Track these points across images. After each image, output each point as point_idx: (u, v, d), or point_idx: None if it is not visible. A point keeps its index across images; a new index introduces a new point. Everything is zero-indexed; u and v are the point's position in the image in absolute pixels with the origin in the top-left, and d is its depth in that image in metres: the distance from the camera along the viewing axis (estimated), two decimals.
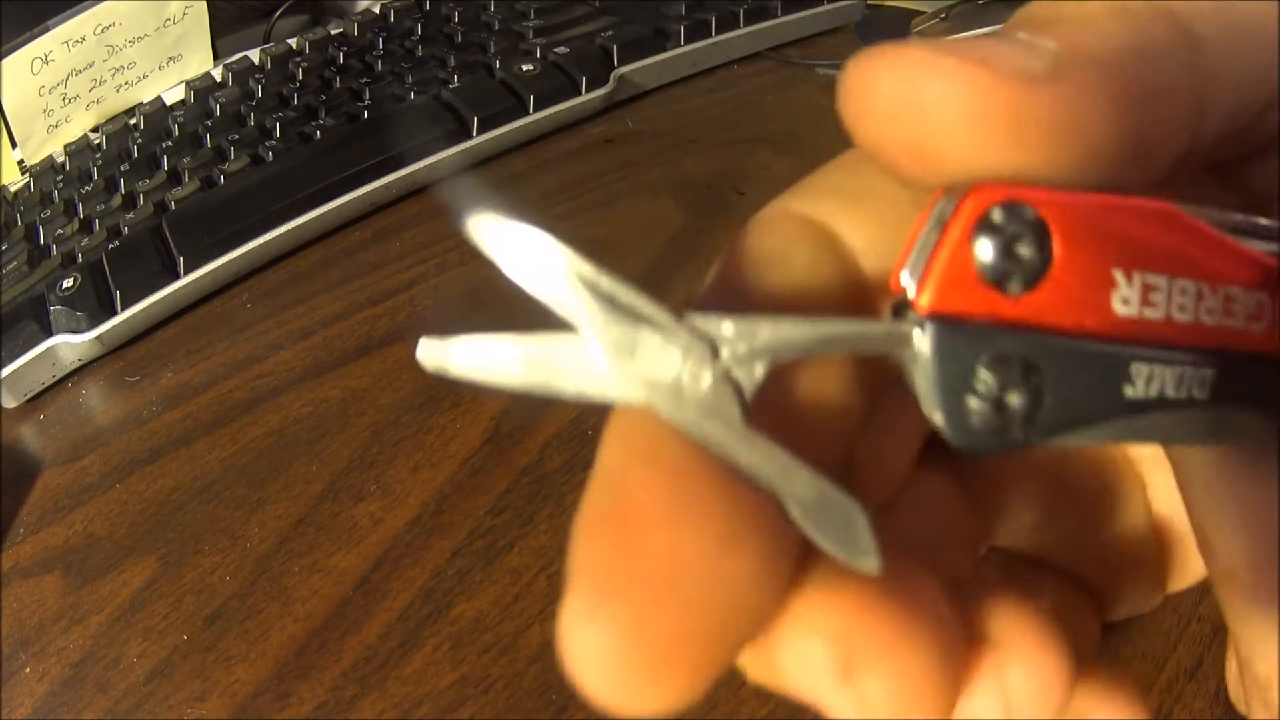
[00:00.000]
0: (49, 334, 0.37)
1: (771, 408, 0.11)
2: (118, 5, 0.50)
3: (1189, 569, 0.16)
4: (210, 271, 0.40)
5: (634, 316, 0.11)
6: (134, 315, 0.38)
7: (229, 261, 0.40)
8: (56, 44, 0.49)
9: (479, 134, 0.45)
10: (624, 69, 0.49)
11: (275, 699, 0.26)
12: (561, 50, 0.49)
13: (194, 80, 0.53)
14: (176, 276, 0.39)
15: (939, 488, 0.14)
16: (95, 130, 0.53)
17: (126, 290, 0.38)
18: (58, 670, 0.28)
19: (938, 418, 0.11)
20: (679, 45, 0.50)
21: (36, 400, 0.38)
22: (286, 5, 0.62)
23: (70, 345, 0.37)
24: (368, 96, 0.48)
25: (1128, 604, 0.16)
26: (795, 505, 0.11)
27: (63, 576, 0.30)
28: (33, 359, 0.37)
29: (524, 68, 0.48)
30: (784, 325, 0.11)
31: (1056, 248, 0.11)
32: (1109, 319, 0.11)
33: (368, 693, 0.26)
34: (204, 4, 0.54)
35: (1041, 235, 0.10)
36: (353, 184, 0.43)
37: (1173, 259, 0.11)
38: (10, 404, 0.37)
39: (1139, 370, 0.11)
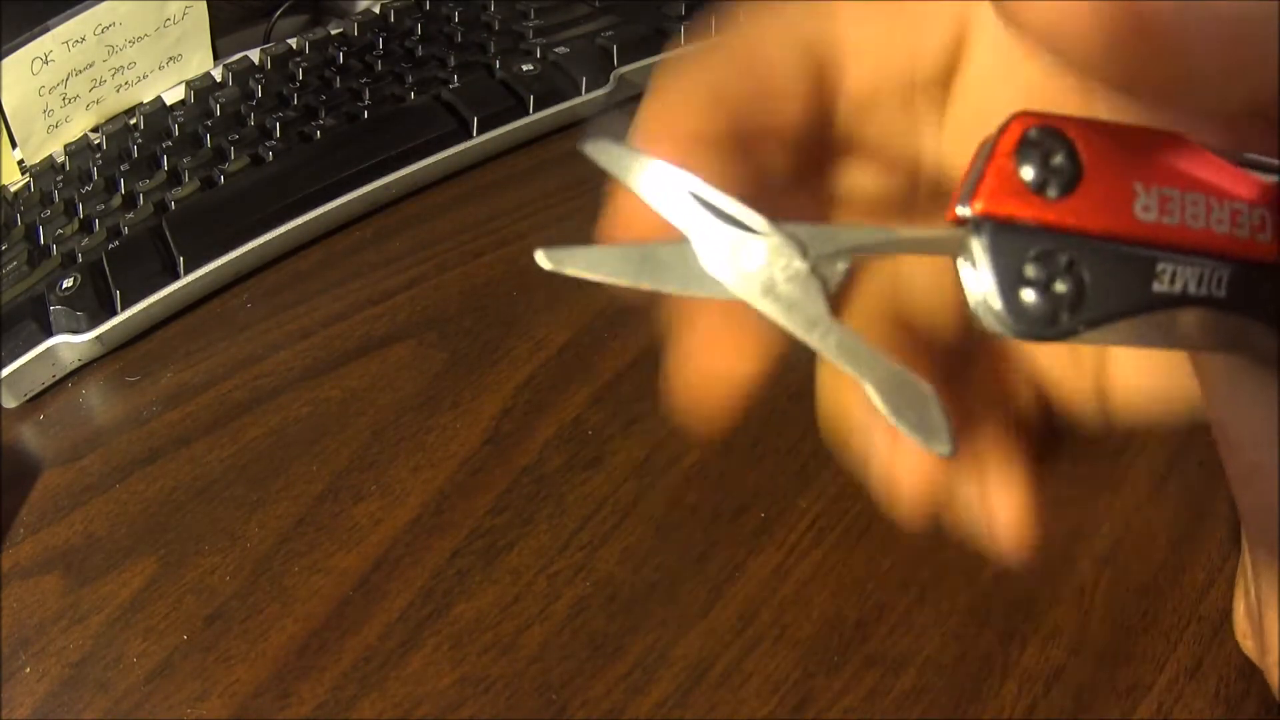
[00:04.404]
0: (49, 334, 0.37)
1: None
2: (118, 5, 0.50)
3: None
4: (210, 271, 0.40)
5: (734, 223, 0.13)
6: (134, 315, 0.38)
7: (229, 261, 0.40)
8: (56, 44, 0.49)
9: (479, 134, 0.45)
10: (624, 69, 0.49)
11: (275, 699, 0.26)
12: (561, 50, 0.49)
13: (194, 80, 0.53)
14: (176, 276, 0.39)
15: None
16: (95, 130, 0.53)
17: (126, 290, 0.38)
18: (58, 670, 0.28)
19: (998, 306, 0.12)
20: (679, 45, 0.50)
21: (36, 400, 0.38)
22: (286, 5, 0.62)
23: (70, 345, 0.37)
24: (368, 96, 0.48)
25: None
26: (874, 389, 0.13)
27: (63, 576, 0.30)
28: (33, 359, 0.37)
29: (524, 68, 0.48)
30: (860, 231, 0.13)
31: (1085, 161, 0.13)
32: (1133, 224, 0.13)
33: (368, 693, 0.26)
34: (204, 4, 0.54)
35: (1072, 151, 0.13)
36: (353, 184, 0.43)
37: (1183, 176, 0.13)
38: (10, 404, 0.37)
39: (1164, 268, 0.13)
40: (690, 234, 0.13)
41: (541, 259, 0.13)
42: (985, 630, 0.26)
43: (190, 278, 0.40)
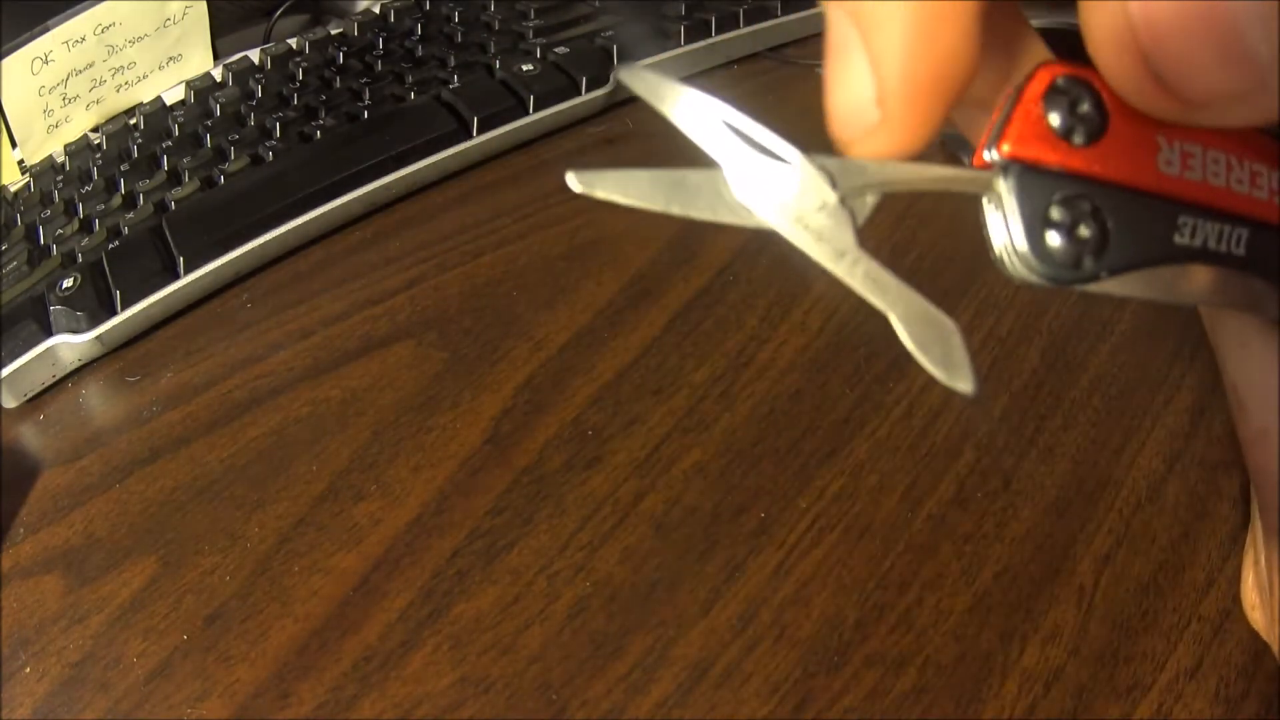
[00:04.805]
0: (49, 334, 0.37)
1: None
2: (118, 5, 0.50)
3: None
4: (210, 271, 0.40)
5: (766, 153, 0.13)
6: (134, 315, 0.38)
7: (229, 261, 0.40)
8: (56, 44, 0.49)
9: (479, 134, 0.45)
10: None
11: (275, 699, 0.26)
12: (561, 50, 0.49)
13: (194, 80, 0.53)
14: (176, 276, 0.39)
15: None
16: (95, 130, 0.53)
17: (126, 290, 0.38)
18: (58, 670, 0.28)
19: (1023, 247, 0.13)
20: (679, 45, 0.50)
21: (36, 400, 0.38)
22: (286, 5, 0.62)
23: (70, 345, 0.37)
24: (368, 96, 0.48)
25: None
26: (899, 322, 0.13)
27: (63, 576, 0.30)
28: (33, 359, 0.37)
29: (524, 68, 0.48)
30: (889, 166, 0.13)
31: (1110, 111, 0.13)
32: (1157, 176, 0.13)
33: (368, 693, 0.26)
34: (204, 4, 0.54)
35: (1098, 100, 0.13)
36: (353, 184, 0.43)
37: (1205, 133, 0.13)
38: (10, 404, 0.37)
39: (1185, 222, 0.13)
40: (722, 162, 0.13)
41: (572, 181, 0.13)
42: (985, 630, 0.26)
43: (190, 278, 0.40)
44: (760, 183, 0.13)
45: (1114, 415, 0.31)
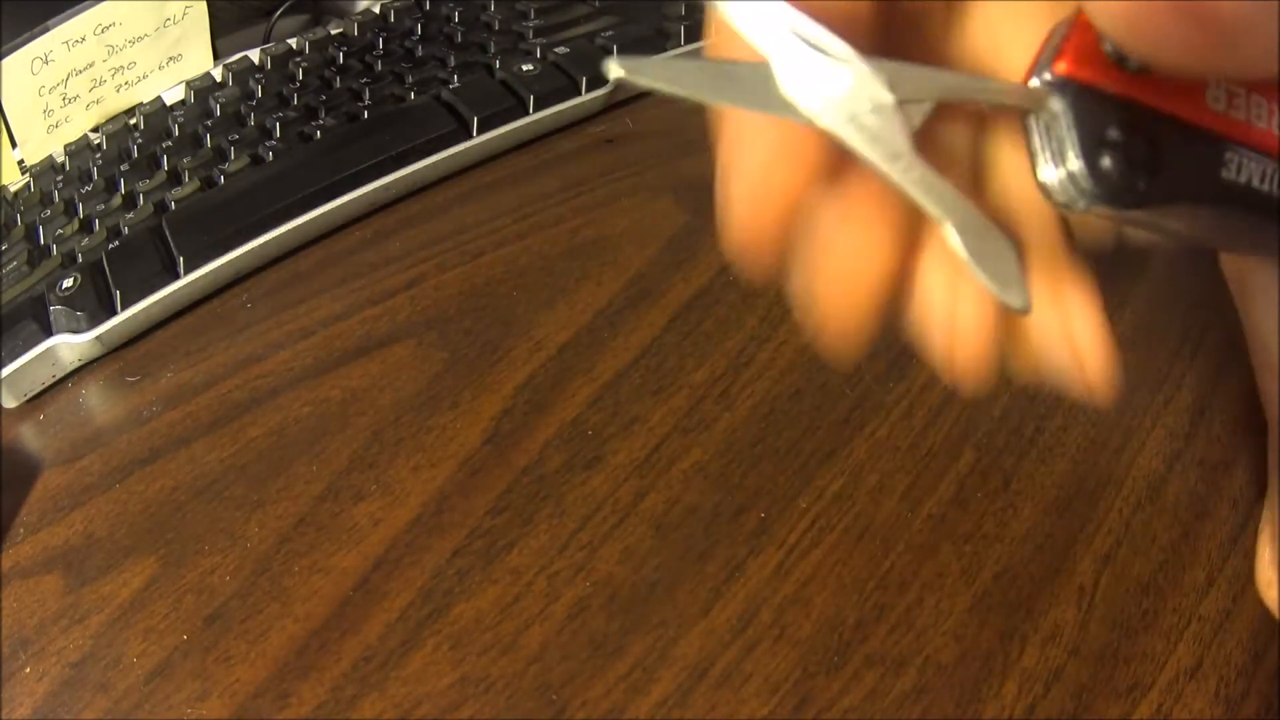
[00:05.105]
0: (49, 334, 0.37)
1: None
2: (118, 5, 0.50)
3: None
4: (210, 271, 0.40)
5: (821, 50, 0.12)
6: (134, 315, 0.38)
7: (229, 261, 0.40)
8: (56, 44, 0.49)
9: (479, 134, 0.45)
10: None
11: (275, 699, 0.26)
12: (561, 50, 0.49)
13: (194, 80, 0.53)
14: (176, 276, 0.39)
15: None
16: (95, 130, 0.53)
17: (126, 290, 0.38)
18: (58, 670, 0.28)
19: (1077, 166, 0.12)
20: (679, 45, 0.50)
21: (36, 400, 0.38)
22: (286, 5, 0.62)
23: (70, 345, 0.37)
24: (368, 96, 0.48)
25: None
26: (954, 232, 0.12)
27: (63, 576, 0.30)
28: (33, 359, 0.37)
29: (524, 68, 0.48)
30: (945, 75, 0.13)
31: None
32: (1206, 111, 0.13)
33: (368, 693, 0.26)
34: (204, 4, 0.54)
35: None
36: (353, 184, 0.43)
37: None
38: (10, 404, 0.37)
39: (1231, 158, 0.13)
40: (773, 56, 0.12)
41: (614, 67, 0.12)
42: (985, 630, 0.26)
43: (190, 278, 0.40)
44: (813, 79, 0.12)
45: (1114, 415, 0.31)
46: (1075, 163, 0.12)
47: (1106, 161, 0.12)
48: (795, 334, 0.35)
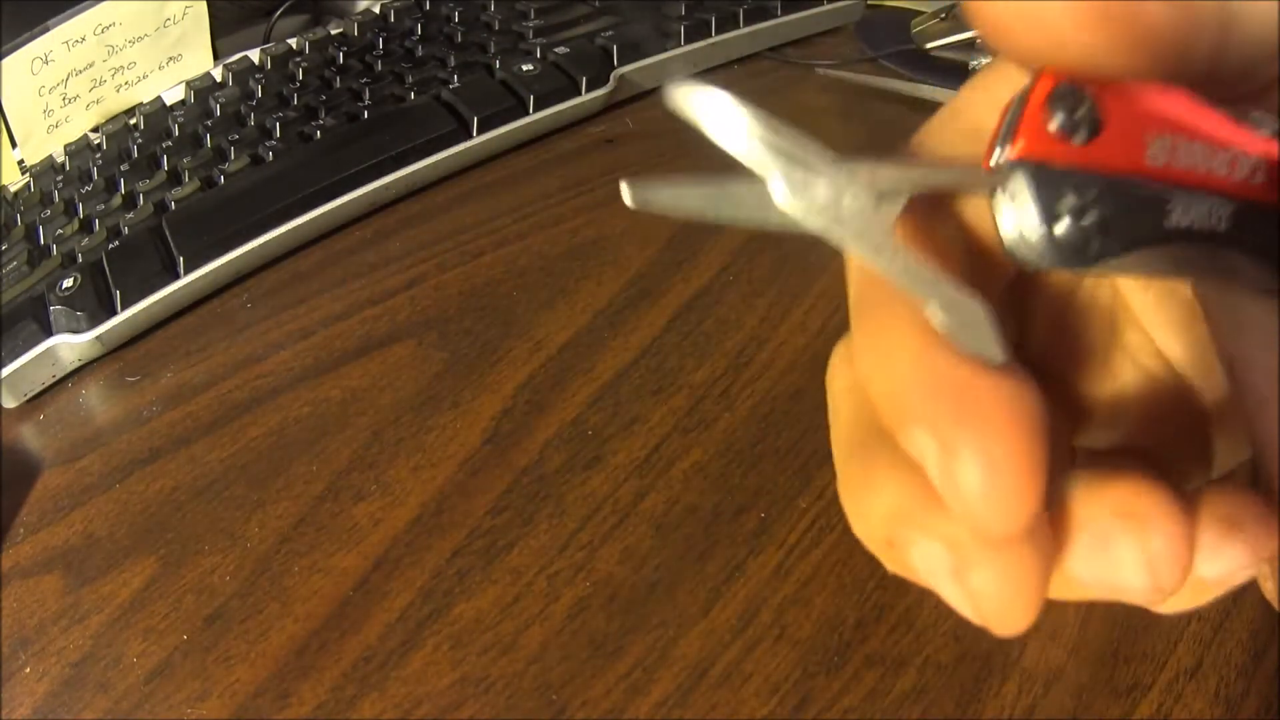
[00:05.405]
0: (49, 334, 0.37)
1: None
2: (118, 5, 0.50)
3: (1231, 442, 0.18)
4: (210, 271, 0.40)
5: (799, 159, 0.14)
6: (134, 315, 0.38)
7: (229, 261, 0.40)
8: (56, 44, 0.49)
9: (479, 134, 0.45)
10: (624, 69, 0.49)
11: (275, 699, 0.26)
12: (561, 50, 0.49)
13: (194, 80, 0.53)
14: (176, 276, 0.39)
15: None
16: (95, 130, 0.53)
17: (126, 290, 0.38)
18: (58, 670, 0.28)
19: (1036, 236, 0.14)
20: (679, 45, 0.50)
21: (36, 400, 0.38)
22: (286, 5, 0.62)
23: (70, 345, 0.37)
24: (368, 96, 0.48)
25: (1195, 477, 0.18)
26: (937, 310, 0.14)
27: (63, 576, 0.30)
28: (33, 359, 0.37)
29: (524, 68, 0.48)
30: (915, 168, 0.15)
31: (1103, 113, 0.14)
32: (1147, 167, 0.14)
33: (368, 693, 0.26)
34: (204, 4, 0.54)
35: (1092, 105, 0.14)
36: (353, 184, 0.43)
37: (1186, 127, 0.15)
38: (10, 404, 0.37)
39: (1175, 204, 0.15)
40: (764, 174, 0.14)
41: (626, 195, 0.14)
42: (985, 630, 0.26)
43: (190, 278, 0.40)
44: (800, 190, 0.14)
45: None
46: (1034, 231, 0.14)
47: (1061, 228, 0.14)
48: (795, 334, 0.35)
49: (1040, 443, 0.13)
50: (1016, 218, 0.14)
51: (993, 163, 0.15)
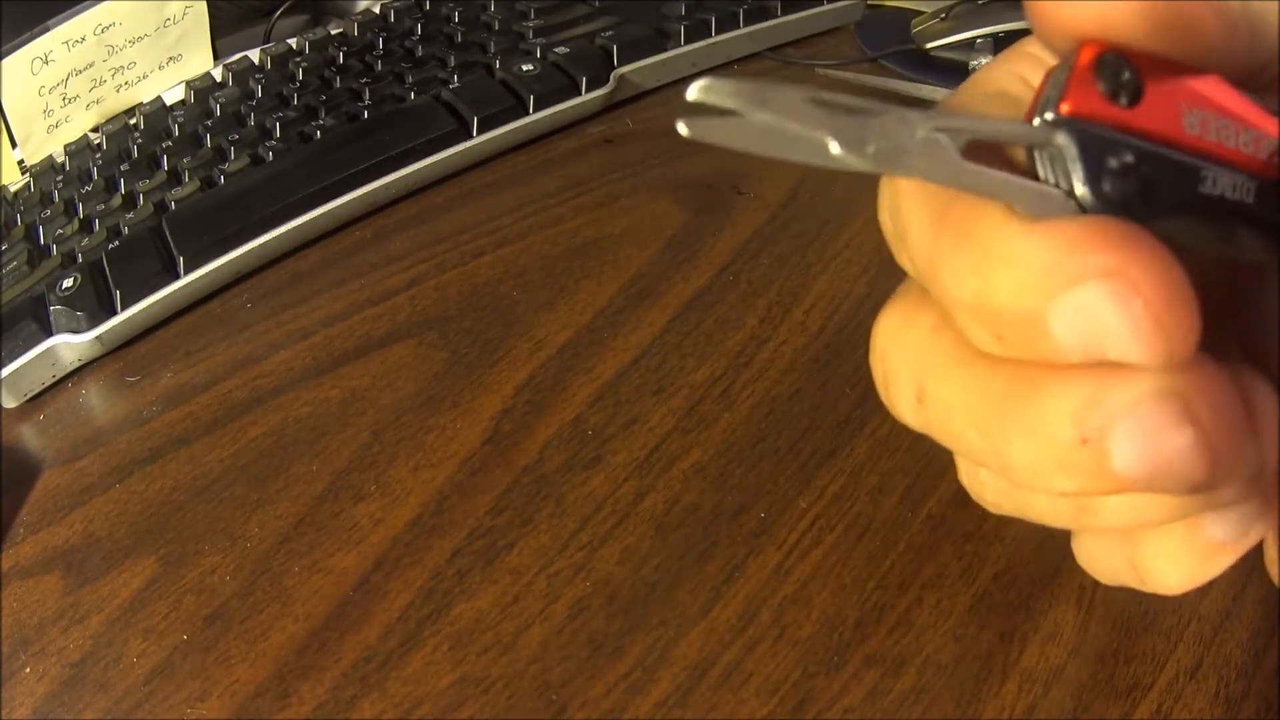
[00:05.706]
0: (49, 334, 0.37)
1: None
2: (118, 5, 0.50)
3: None
4: (210, 271, 0.40)
5: (856, 110, 0.14)
6: (134, 315, 0.38)
7: (229, 261, 0.40)
8: (56, 44, 0.49)
9: (479, 134, 0.45)
10: (624, 69, 0.49)
11: (275, 699, 0.26)
12: (561, 50, 0.49)
13: (194, 80, 0.53)
14: (176, 276, 0.39)
15: None
16: (95, 130, 0.53)
17: (126, 290, 0.38)
18: (58, 670, 0.28)
19: (1082, 190, 0.15)
20: (679, 45, 0.50)
21: (36, 400, 0.38)
22: (286, 5, 0.62)
23: (70, 345, 0.37)
24: (368, 96, 0.48)
25: None
26: (1021, 207, 0.15)
27: (63, 576, 0.30)
28: (33, 359, 0.37)
29: (524, 68, 0.48)
30: (966, 118, 0.15)
31: (1145, 80, 0.15)
32: (1184, 135, 0.15)
33: (368, 693, 0.26)
34: (204, 4, 0.54)
35: (1135, 71, 0.15)
36: (353, 184, 0.43)
37: (1217, 105, 0.16)
38: (10, 404, 0.37)
39: (1207, 173, 0.15)
40: (821, 127, 0.14)
41: (682, 127, 0.14)
42: (985, 630, 0.26)
43: (190, 278, 0.40)
44: (857, 133, 0.14)
45: None
46: (1081, 188, 0.15)
47: (1107, 186, 0.15)
48: (795, 334, 0.35)
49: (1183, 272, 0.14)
50: (1060, 174, 0.15)
51: (1036, 121, 0.15)
